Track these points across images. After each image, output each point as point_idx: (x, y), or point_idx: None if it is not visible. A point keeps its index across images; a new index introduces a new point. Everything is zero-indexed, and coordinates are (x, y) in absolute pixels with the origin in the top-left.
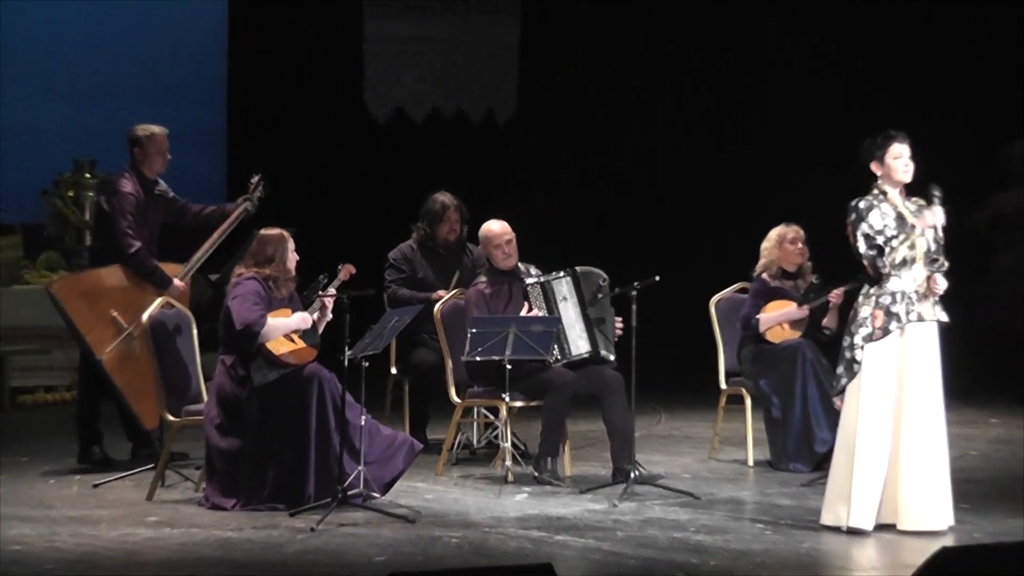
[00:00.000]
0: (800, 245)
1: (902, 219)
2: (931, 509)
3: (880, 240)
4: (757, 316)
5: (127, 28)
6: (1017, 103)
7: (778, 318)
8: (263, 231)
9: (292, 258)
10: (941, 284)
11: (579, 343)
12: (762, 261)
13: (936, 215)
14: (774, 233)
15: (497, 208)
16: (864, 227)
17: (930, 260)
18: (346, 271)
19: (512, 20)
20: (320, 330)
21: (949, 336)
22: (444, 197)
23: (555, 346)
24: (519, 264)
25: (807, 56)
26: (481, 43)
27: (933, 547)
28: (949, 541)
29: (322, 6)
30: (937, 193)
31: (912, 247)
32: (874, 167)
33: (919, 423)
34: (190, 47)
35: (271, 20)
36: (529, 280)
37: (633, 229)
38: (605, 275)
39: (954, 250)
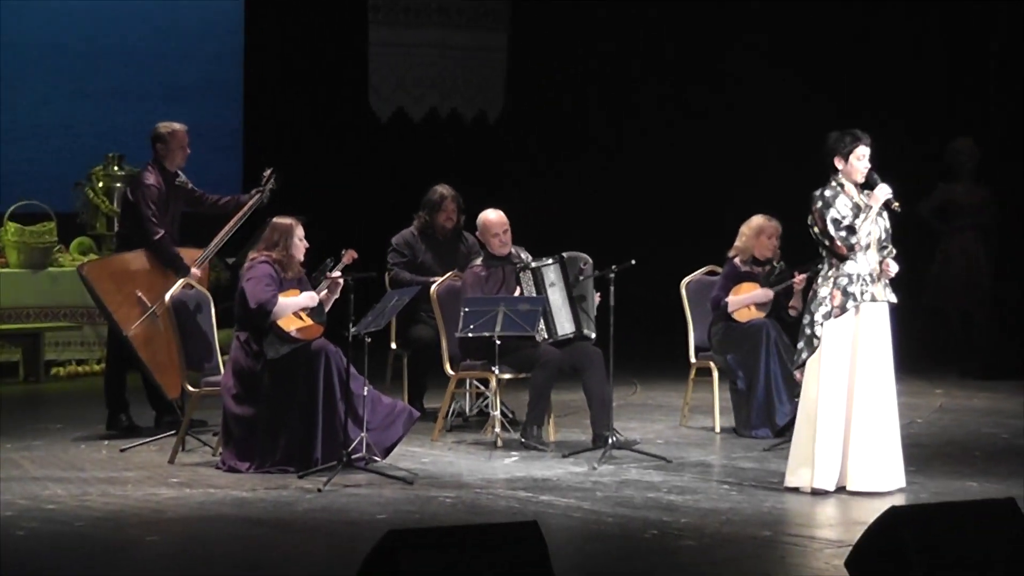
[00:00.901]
0: (776, 240)
1: (858, 208)
2: (881, 472)
3: (847, 222)
4: (727, 299)
5: (153, 36)
6: (950, 105)
7: (746, 300)
8: (275, 219)
9: (300, 245)
10: (893, 268)
11: (564, 324)
12: (738, 245)
13: (883, 190)
14: (755, 222)
15: (488, 197)
16: (833, 212)
17: (881, 247)
18: (348, 255)
19: (501, 28)
20: (327, 309)
21: (899, 314)
22: (443, 188)
23: (543, 326)
24: (512, 249)
25: (780, 53)
26: (474, 49)
27: (884, 506)
28: (898, 501)
29: (331, 15)
30: (875, 175)
31: (868, 234)
32: (837, 161)
33: (872, 394)
34: (210, 53)
35: (284, 28)
36: (521, 266)
37: (611, 216)
38: (589, 259)
39: (905, 236)
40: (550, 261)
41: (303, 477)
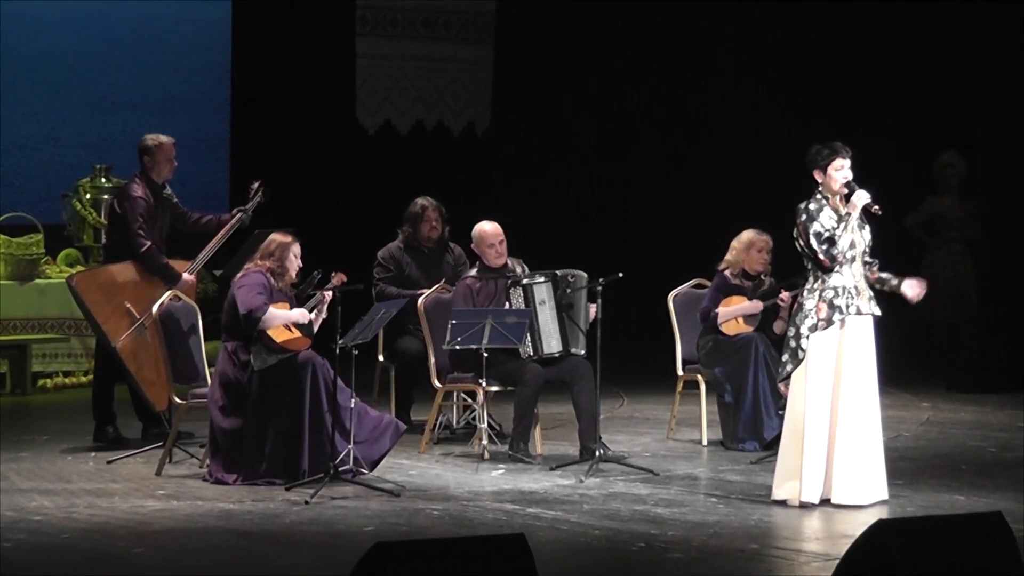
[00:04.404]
0: (766, 255)
1: (841, 220)
2: (864, 485)
3: (828, 235)
4: (716, 311)
5: (141, 48)
6: (936, 119)
7: (735, 312)
8: (275, 233)
9: (294, 260)
10: (913, 291)
11: (552, 343)
12: (728, 258)
13: (860, 196)
14: (746, 237)
15: (475, 210)
16: (816, 226)
17: (864, 260)
18: (338, 279)
19: (487, 41)
20: (316, 328)
21: (886, 327)
22: (423, 200)
23: (529, 344)
24: (508, 261)
25: (757, 70)
26: (461, 62)
27: (869, 519)
28: (884, 514)
29: (318, 27)
30: (852, 185)
31: (852, 246)
32: (816, 174)
33: (855, 407)
34: (198, 65)
35: (272, 40)
36: (511, 281)
37: (599, 228)
38: (582, 273)
39: (891, 248)
40: (541, 279)
41: (290, 489)
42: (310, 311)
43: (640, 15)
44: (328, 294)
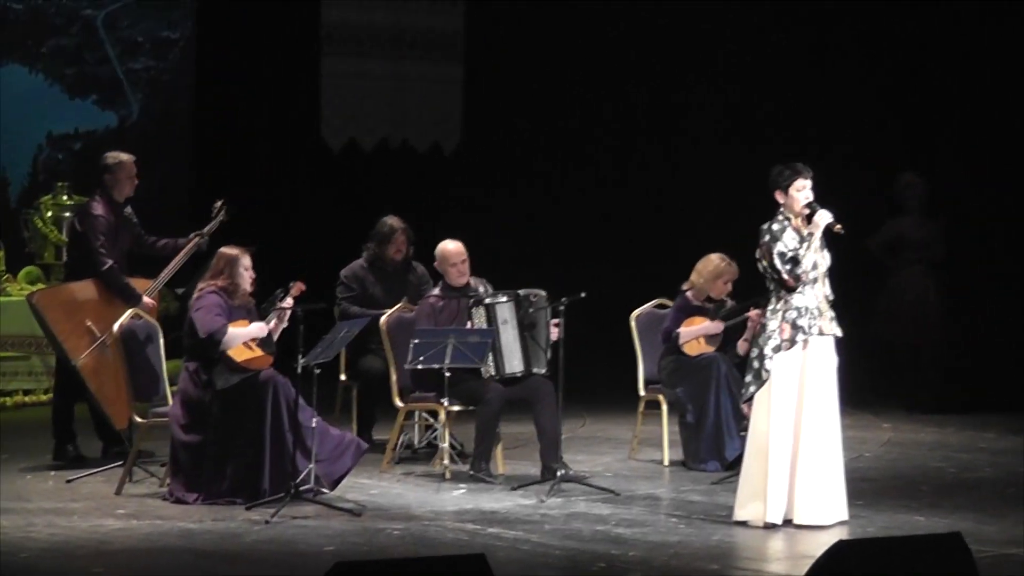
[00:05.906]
0: (731, 285)
1: (803, 240)
2: (825, 506)
3: (791, 254)
4: (678, 330)
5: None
6: (896, 143)
7: (697, 332)
8: (222, 249)
9: (246, 275)
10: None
11: (514, 363)
12: (694, 280)
13: (823, 216)
14: (713, 265)
15: (438, 228)
16: (779, 246)
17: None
18: (297, 288)
19: (456, 60)
20: (276, 339)
21: (847, 348)
22: (392, 220)
23: (492, 363)
24: (470, 280)
25: (723, 92)
26: (427, 81)
27: (830, 540)
28: (845, 534)
29: (283, 45)
30: (814, 205)
31: (815, 267)
32: (778, 195)
33: (817, 428)
34: (160, 83)
35: (236, 58)
36: (474, 300)
37: (562, 249)
38: (543, 292)
39: (853, 269)
40: (504, 299)
41: (251, 508)
42: (268, 323)
43: (610, 37)
44: (288, 302)
